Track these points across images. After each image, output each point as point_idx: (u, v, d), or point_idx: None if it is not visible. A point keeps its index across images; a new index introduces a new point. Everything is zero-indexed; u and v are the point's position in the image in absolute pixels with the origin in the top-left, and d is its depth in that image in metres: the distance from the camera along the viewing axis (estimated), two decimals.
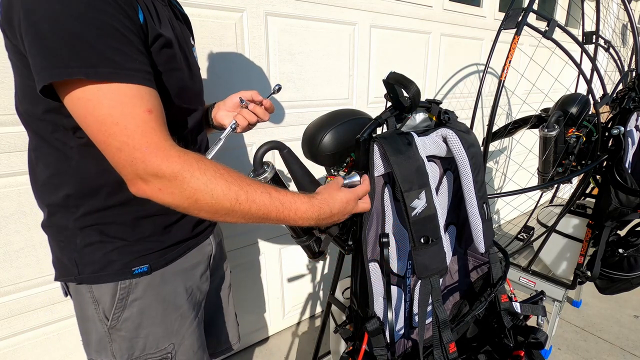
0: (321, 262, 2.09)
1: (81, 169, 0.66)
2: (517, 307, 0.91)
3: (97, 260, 0.70)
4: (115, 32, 0.53)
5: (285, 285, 1.95)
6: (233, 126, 0.85)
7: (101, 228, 0.69)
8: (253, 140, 1.60)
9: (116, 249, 0.70)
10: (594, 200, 1.68)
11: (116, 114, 0.53)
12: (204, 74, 1.37)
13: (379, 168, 0.75)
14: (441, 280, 0.85)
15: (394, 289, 0.87)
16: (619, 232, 1.77)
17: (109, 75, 0.52)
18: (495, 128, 1.51)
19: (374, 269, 0.80)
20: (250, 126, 0.90)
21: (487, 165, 2.36)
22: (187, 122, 0.76)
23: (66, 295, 0.79)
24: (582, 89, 2.26)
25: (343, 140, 0.85)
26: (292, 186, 0.88)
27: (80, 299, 0.73)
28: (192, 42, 0.82)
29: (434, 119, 0.87)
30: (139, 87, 0.55)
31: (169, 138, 0.57)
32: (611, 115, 1.61)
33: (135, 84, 0.54)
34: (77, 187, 0.67)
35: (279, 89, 0.88)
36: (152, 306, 0.74)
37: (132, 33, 0.55)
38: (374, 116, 0.83)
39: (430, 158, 0.82)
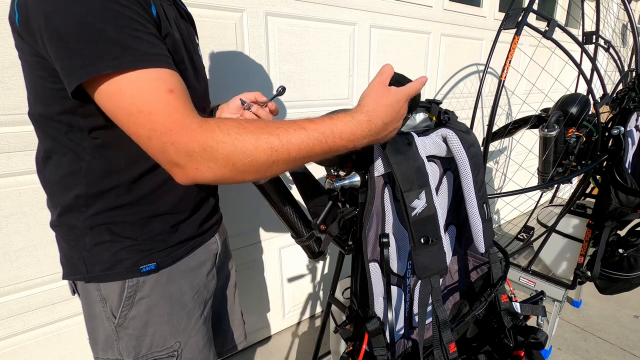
0: (321, 262, 2.09)
1: (92, 170, 0.66)
2: (517, 307, 0.91)
3: (106, 259, 0.70)
4: (132, 21, 0.53)
5: (285, 285, 1.95)
6: None
7: (111, 227, 0.70)
8: None
9: (125, 247, 0.70)
10: (594, 200, 1.68)
11: (139, 101, 0.52)
12: None
13: (379, 168, 0.75)
14: (441, 280, 0.85)
15: (394, 289, 0.87)
16: (619, 232, 1.77)
17: (131, 63, 0.52)
18: (495, 128, 1.51)
19: (374, 269, 0.80)
20: None
21: (487, 165, 2.36)
22: None
23: (74, 293, 0.79)
24: (582, 89, 2.26)
25: None
26: (293, 187, 0.88)
27: (88, 297, 0.73)
28: (196, 41, 0.82)
29: (434, 119, 0.87)
30: (159, 70, 0.54)
31: (191, 113, 0.55)
32: (611, 115, 1.61)
33: (155, 67, 0.54)
34: (88, 188, 0.67)
35: (283, 90, 0.87)
36: (159, 304, 0.75)
37: (149, 22, 0.56)
38: None
39: (430, 158, 0.82)
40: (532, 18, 1.32)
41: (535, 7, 1.32)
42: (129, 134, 0.55)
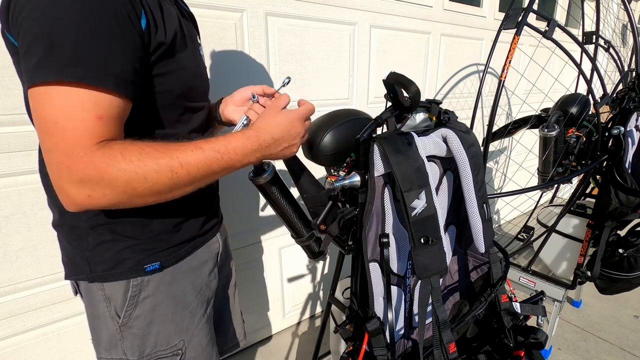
0: (321, 262, 2.09)
1: None
2: (517, 307, 0.91)
3: (109, 259, 0.70)
4: (103, 36, 0.52)
5: (285, 285, 1.95)
6: (245, 122, 0.82)
7: (112, 227, 0.70)
8: None
9: (127, 247, 0.71)
10: (594, 200, 1.68)
11: (61, 114, 0.51)
12: None
13: (379, 168, 0.75)
14: (441, 280, 0.85)
15: (394, 289, 0.87)
16: (619, 232, 1.77)
17: (79, 76, 0.51)
18: (495, 128, 1.51)
19: (374, 269, 0.80)
20: None
21: (487, 165, 2.36)
22: (193, 120, 0.76)
23: (76, 293, 0.79)
24: (582, 89, 2.26)
25: (343, 140, 0.85)
26: (292, 186, 0.88)
27: (92, 297, 0.74)
28: (198, 40, 0.82)
29: (434, 119, 0.87)
30: (101, 93, 0.53)
31: (101, 143, 0.53)
32: (611, 115, 1.61)
33: (100, 88, 0.52)
34: None
35: (289, 81, 0.86)
36: (163, 303, 0.75)
37: (124, 39, 0.54)
38: (374, 116, 0.83)
39: (430, 158, 0.82)
40: (532, 18, 1.32)
41: (535, 7, 1.32)
42: (39, 139, 0.54)
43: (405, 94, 0.78)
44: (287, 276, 1.94)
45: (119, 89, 0.54)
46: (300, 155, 0.84)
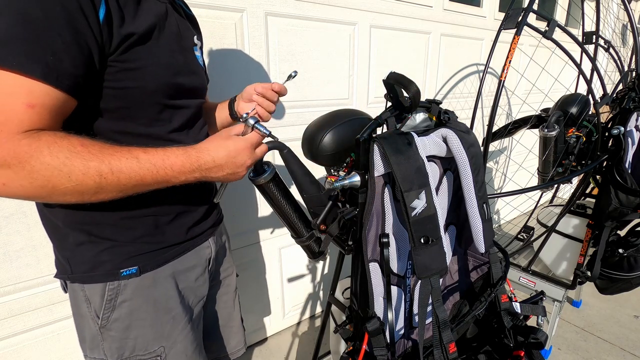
0: (321, 262, 2.09)
1: None
2: (517, 307, 0.91)
3: (88, 260, 0.70)
4: (40, 24, 0.50)
5: (285, 285, 1.95)
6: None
7: (88, 229, 0.69)
8: None
9: (106, 249, 0.70)
10: (594, 200, 1.68)
11: None
12: None
13: (379, 168, 0.75)
14: (441, 280, 0.85)
15: (394, 289, 0.87)
16: (619, 232, 1.77)
17: (11, 60, 0.49)
18: (495, 128, 1.51)
19: (374, 269, 0.80)
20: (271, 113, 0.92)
21: (487, 165, 2.36)
22: (174, 119, 0.74)
23: (65, 291, 0.79)
24: (582, 89, 2.26)
25: (343, 140, 0.85)
26: (292, 186, 0.88)
27: (75, 296, 0.73)
28: (195, 41, 0.81)
29: (434, 119, 0.87)
30: (34, 81, 0.51)
31: (28, 132, 0.51)
32: (611, 115, 1.61)
33: (34, 77, 0.50)
34: None
35: (295, 75, 0.86)
36: (142, 308, 0.74)
37: (67, 30, 0.52)
38: (374, 116, 0.83)
39: (430, 158, 0.82)
40: (532, 18, 1.32)
41: (535, 7, 1.32)
42: None
43: (405, 94, 0.78)
44: (287, 276, 1.94)
45: (48, 79, 0.52)
46: (300, 155, 0.85)
